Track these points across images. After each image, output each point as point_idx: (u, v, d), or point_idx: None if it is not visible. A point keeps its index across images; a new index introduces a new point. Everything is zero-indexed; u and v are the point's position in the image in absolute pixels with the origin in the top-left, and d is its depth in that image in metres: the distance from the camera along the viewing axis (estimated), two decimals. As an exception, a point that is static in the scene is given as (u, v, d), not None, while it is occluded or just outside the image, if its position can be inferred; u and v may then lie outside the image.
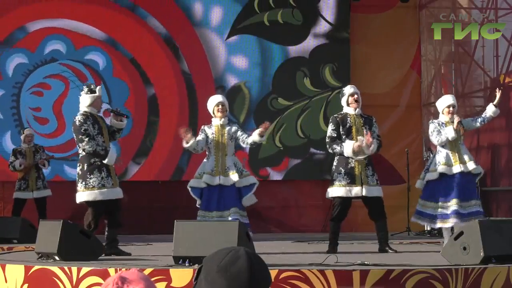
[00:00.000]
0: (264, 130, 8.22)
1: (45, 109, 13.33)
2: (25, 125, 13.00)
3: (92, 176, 7.81)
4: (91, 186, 7.80)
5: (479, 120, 8.66)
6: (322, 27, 14.03)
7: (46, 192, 12.02)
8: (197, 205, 8.28)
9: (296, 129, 13.89)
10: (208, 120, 8.58)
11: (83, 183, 7.83)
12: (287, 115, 13.88)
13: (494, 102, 8.66)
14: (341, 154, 8.27)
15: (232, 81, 13.77)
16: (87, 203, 7.86)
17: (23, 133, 12.21)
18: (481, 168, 8.69)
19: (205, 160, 8.38)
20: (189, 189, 8.29)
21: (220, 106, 8.39)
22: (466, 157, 8.54)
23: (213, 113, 8.45)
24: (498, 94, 8.72)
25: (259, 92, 13.83)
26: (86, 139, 7.80)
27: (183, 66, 13.67)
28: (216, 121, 8.41)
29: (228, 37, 13.75)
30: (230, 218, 7.93)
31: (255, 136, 8.24)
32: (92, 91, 8.01)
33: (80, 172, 7.89)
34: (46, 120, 13.34)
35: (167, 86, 13.58)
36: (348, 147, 8.20)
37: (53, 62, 13.32)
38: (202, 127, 8.48)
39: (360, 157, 8.21)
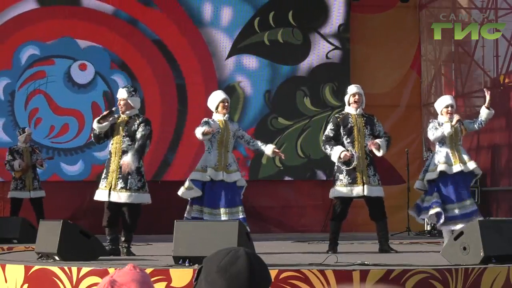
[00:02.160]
0: (277, 154, 8.51)
1: (56, 123, 13.14)
2: (56, 150, 12.86)
3: None
4: None
5: (477, 123, 8.67)
6: (322, 46, 13.95)
7: (42, 193, 11.96)
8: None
9: (296, 149, 13.83)
10: (199, 120, 8.49)
11: None
12: (287, 135, 13.82)
13: (486, 104, 8.66)
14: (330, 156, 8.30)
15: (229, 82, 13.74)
16: None
17: (23, 133, 11.96)
18: (479, 169, 8.69)
19: (207, 153, 8.30)
20: (190, 182, 8.16)
21: (226, 103, 8.39)
22: (465, 157, 8.54)
23: (217, 109, 8.42)
24: (487, 96, 8.73)
25: (257, 100, 13.77)
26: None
27: (180, 66, 13.59)
28: (220, 117, 8.38)
29: (228, 56, 13.66)
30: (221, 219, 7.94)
31: (267, 151, 8.45)
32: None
33: None
34: (66, 128, 13.17)
35: (157, 88, 13.48)
36: (335, 153, 8.20)
37: (12, 96, 13.00)
38: (205, 119, 8.33)
39: (349, 167, 8.19)
